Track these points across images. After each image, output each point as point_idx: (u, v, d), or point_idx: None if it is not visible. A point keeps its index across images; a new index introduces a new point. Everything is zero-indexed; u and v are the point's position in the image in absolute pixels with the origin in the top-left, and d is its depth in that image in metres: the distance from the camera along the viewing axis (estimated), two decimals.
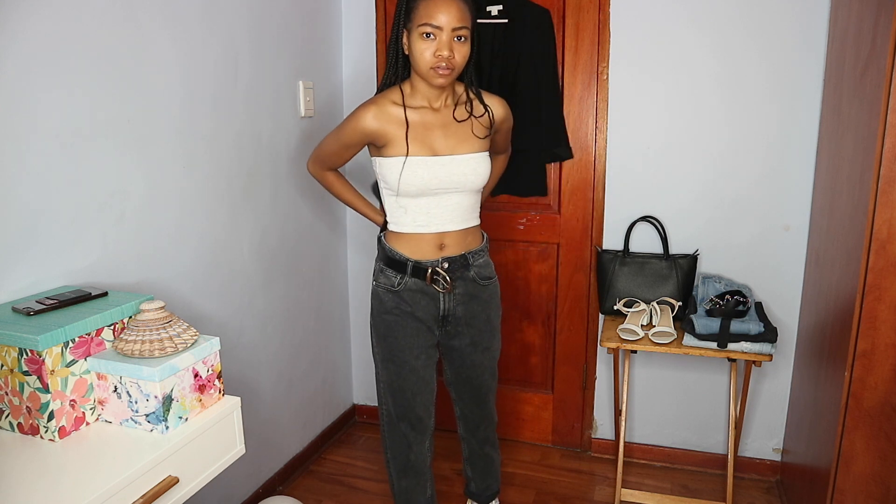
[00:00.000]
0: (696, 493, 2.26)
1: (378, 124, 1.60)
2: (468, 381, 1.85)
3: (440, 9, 1.50)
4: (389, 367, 1.73)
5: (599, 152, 2.28)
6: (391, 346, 1.71)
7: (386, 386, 1.76)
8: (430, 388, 1.76)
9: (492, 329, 1.81)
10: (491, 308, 1.79)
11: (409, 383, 1.72)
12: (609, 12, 2.18)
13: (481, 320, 1.77)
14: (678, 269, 2.17)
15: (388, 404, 1.77)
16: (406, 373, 1.71)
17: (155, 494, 1.10)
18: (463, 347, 1.79)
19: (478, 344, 1.79)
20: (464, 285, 1.72)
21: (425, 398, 1.75)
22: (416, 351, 1.71)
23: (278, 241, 2.18)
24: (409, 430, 1.76)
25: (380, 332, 1.73)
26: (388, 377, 1.74)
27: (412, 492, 1.83)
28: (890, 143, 1.41)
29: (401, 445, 1.78)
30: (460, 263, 1.69)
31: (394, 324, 1.69)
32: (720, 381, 2.32)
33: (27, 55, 1.29)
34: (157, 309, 1.25)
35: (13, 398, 1.18)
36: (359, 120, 1.62)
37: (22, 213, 1.31)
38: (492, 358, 1.85)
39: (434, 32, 1.52)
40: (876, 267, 1.48)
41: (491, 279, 1.78)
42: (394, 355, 1.71)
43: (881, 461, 1.56)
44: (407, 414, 1.75)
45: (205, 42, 1.77)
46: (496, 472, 2.03)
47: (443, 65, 1.53)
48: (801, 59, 2.04)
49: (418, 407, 1.75)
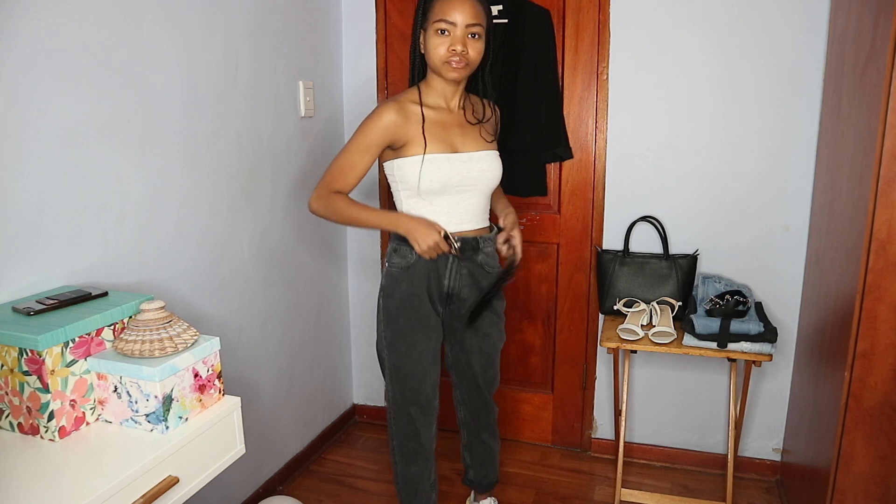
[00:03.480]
0: (695, 493, 2.26)
1: (401, 119, 1.61)
2: (468, 365, 1.86)
3: (454, 6, 1.56)
4: (399, 348, 1.74)
5: (599, 152, 2.28)
6: (401, 327, 1.72)
7: (393, 371, 1.76)
8: (436, 367, 1.79)
9: (493, 315, 1.82)
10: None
11: (420, 364, 1.74)
12: (609, 12, 2.18)
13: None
14: (678, 269, 2.17)
15: (395, 390, 1.78)
16: (417, 354, 1.73)
17: (155, 494, 1.10)
18: (464, 330, 1.80)
19: (478, 328, 1.80)
20: (471, 267, 1.73)
21: (433, 377, 1.78)
22: (427, 331, 1.73)
23: (278, 240, 2.18)
24: (419, 414, 1.78)
25: (391, 314, 1.73)
26: (397, 360, 1.74)
27: (419, 479, 1.84)
28: (890, 143, 1.42)
29: (410, 430, 1.79)
30: (471, 245, 1.71)
31: (407, 305, 1.71)
32: (720, 381, 2.32)
33: (28, 55, 1.29)
34: (158, 309, 1.25)
35: (13, 398, 1.18)
36: (382, 117, 1.61)
37: (22, 213, 1.31)
38: (492, 346, 1.85)
39: (448, 28, 1.57)
40: (876, 267, 1.48)
41: (496, 269, 1.80)
42: (404, 337, 1.73)
43: (881, 461, 1.56)
44: (416, 397, 1.76)
45: (205, 42, 1.77)
46: (494, 462, 2.04)
47: (456, 58, 1.58)
48: (801, 59, 2.04)
49: (427, 388, 1.76)
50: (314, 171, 2.35)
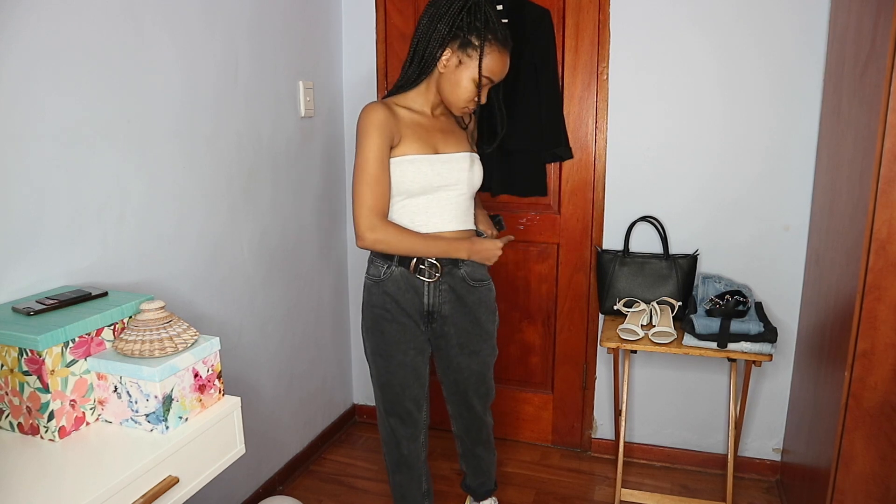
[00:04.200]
0: (695, 493, 2.26)
1: (392, 117, 1.59)
2: (455, 383, 1.84)
3: (504, 66, 1.60)
4: (378, 360, 1.73)
5: (599, 152, 2.28)
6: (378, 339, 1.71)
7: (375, 380, 1.77)
8: (420, 382, 1.75)
9: (481, 332, 1.78)
10: (480, 311, 1.76)
11: (396, 377, 1.72)
12: (609, 12, 2.18)
13: (469, 322, 1.75)
14: (678, 269, 2.17)
15: (378, 399, 1.78)
16: (394, 367, 1.71)
17: (155, 494, 1.10)
18: (450, 348, 1.77)
19: (464, 346, 1.77)
20: (451, 282, 1.70)
21: (414, 392, 1.75)
22: (403, 346, 1.71)
23: (278, 240, 2.18)
24: (399, 425, 1.77)
25: (367, 325, 1.73)
26: (377, 371, 1.75)
27: (406, 486, 1.84)
28: (890, 143, 1.41)
29: (391, 440, 1.79)
30: (450, 259, 1.68)
31: (380, 317, 1.70)
32: (720, 381, 2.32)
33: (28, 55, 1.29)
34: (157, 309, 1.25)
35: (13, 398, 1.18)
36: (375, 115, 1.57)
37: (22, 213, 1.31)
38: (481, 363, 1.81)
39: (487, 84, 1.61)
40: (876, 267, 1.48)
41: (483, 282, 1.75)
42: (381, 349, 1.72)
43: (881, 461, 1.56)
44: (396, 408, 1.75)
45: (205, 42, 1.77)
46: (490, 472, 2.04)
47: (474, 106, 1.63)
48: (801, 59, 2.04)
49: (407, 401, 1.74)
50: (314, 172, 2.35)
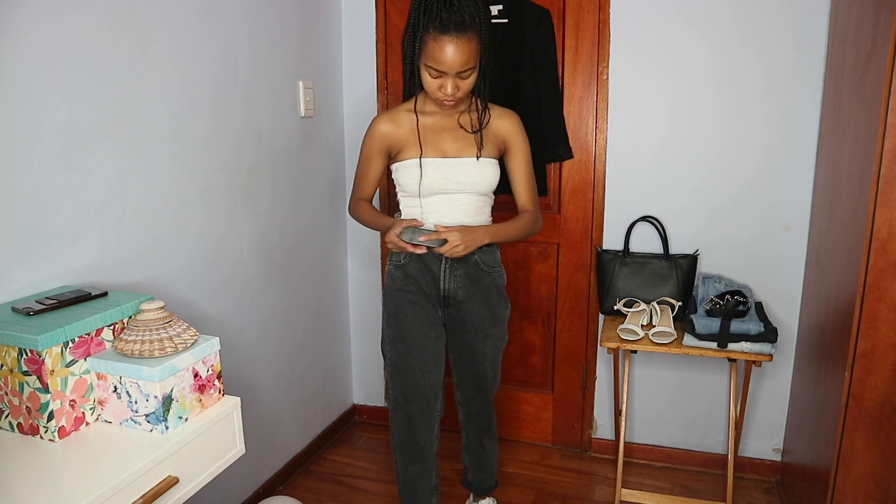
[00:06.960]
0: (696, 493, 2.26)
1: (391, 128, 1.72)
2: (468, 367, 1.87)
3: (446, 55, 1.55)
4: (399, 346, 1.76)
5: (599, 152, 2.28)
6: (400, 323, 1.76)
7: (394, 368, 1.78)
8: (438, 367, 1.80)
9: (493, 316, 1.82)
10: (492, 295, 1.81)
11: (418, 362, 1.76)
12: (609, 12, 2.18)
13: (481, 305, 1.80)
14: (678, 268, 2.17)
15: (395, 388, 1.79)
16: (416, 351, 1.75)
17: (155, 494, 1.10)
18: (465, 332, 1.81)
19: (478, 330, 1.81)
20: (465, 267, 1.75)
21: (434, 378, 1.78)
22: (425, 328, 1.76)
23: (278, 240, 2.18)
24: (418, 413, 1.78)
25: (390, 311, 1.78)
26: (398, 357, 1.77)
27: (418, 479, 1.84)
28: (890, 143, 1.41)
29: (407, 430, 1.80)
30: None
31: (402, 301, 1.76)
32: (720, 381, 2.32)
33: (28, 56, 1.29)
34: (157, 309, 1.25)
35: (13, 398, 1.18)
36: (374, 129, 1.73)
37: (22, 213, 1.30)
38: (493, 346, 1.86)
39: (439, 74, 1.59)
40: (876, 267, 1.48)
41: (495, 268, 1.81)
42: (403, 333, 1.76)
43: (881, 461, 1.56)
44: (415, 395, 1.77)
45: (205, 42, 1.77)
46: (491, 466, 2.04)
47: (448, 98, 1.62)
48: (801, 59, 2.04)
49: (427, 387, 1.77)
50: (314, 171, 2.35)
